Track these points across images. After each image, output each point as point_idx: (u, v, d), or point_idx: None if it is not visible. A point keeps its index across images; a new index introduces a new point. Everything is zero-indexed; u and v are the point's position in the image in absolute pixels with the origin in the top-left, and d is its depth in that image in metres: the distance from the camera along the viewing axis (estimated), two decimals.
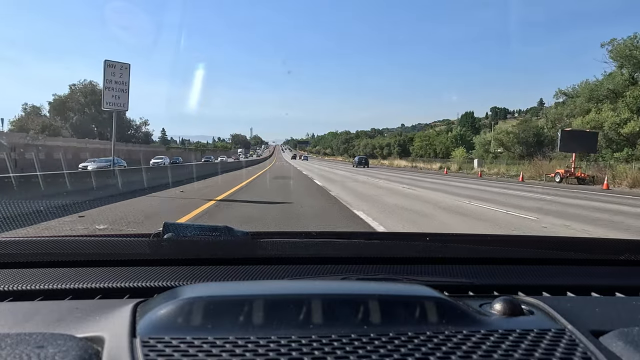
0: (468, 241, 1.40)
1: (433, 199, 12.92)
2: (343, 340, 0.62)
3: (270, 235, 1.27)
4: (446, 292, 0.90)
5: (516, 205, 11.40)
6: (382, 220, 8.19)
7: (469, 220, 8.73)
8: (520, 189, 19.04)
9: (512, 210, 10.15)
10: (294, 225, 7.52)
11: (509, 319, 0.73)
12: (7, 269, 1.03)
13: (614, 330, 0.70)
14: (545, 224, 8.12)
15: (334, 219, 8.37)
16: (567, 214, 9.81)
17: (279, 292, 0.74)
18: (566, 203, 12.49)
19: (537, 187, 20.39)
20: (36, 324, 0.72)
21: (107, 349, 0.60)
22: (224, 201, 10.91)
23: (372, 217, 8.49)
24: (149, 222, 7.29)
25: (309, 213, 9.13)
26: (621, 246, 1.26)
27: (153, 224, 6.94)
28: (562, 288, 1.02)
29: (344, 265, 1.11)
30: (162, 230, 1.10)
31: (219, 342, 0.61)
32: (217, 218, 8.11)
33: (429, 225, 8.00)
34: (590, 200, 13.88)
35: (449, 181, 24.40)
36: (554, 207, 11.14)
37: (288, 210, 9.48)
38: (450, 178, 29.44)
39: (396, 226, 7.69)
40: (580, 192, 17.43)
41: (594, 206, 11.80)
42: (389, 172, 39.10)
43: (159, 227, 1.12)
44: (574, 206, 11.59)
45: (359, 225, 7.61)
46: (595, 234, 7.10)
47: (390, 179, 25.03)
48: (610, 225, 8.16)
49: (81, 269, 1.03)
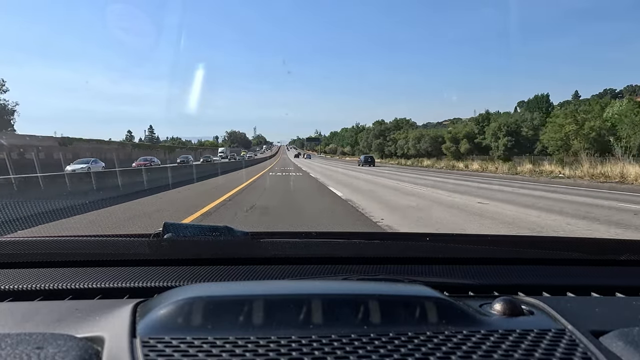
0: (468, 241, 1.40)
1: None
2: (343, 340, 0.62)
3: (271, 235, 1.27)
4: (446, 292, 0.90)
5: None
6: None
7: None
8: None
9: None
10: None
11: (509, 319, 0.73)
12: (7, 269, 1.04)
13: (614, 331, 0.70)
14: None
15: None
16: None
17: (279, 292, 0.74)
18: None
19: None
20: (36, 324, 0.72)
21: (107, 349, 0.60)
22: None
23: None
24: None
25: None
26: (621, 246, 1.26)
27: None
28: (562, 288, 1.02)
29: (344, 265, 1.11)
30: (162, 230, 1.10)
31: (219, 342, 0.61)
32: None
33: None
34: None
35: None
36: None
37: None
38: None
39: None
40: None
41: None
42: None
43: None
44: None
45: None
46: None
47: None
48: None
49: (81, 269, 1.03)
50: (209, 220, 7.98)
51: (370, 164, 52.29)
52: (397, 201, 11.76)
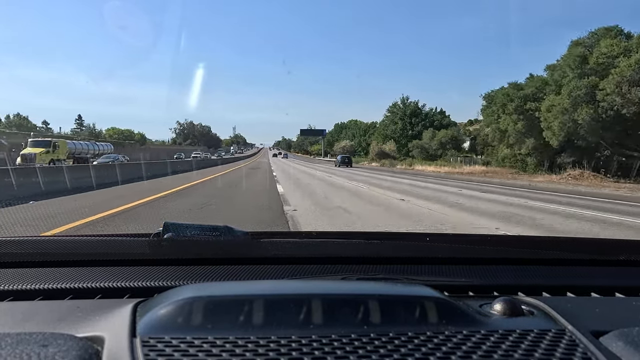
0: (468, 241, 1.40)
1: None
2: (343, 340, 0.62)
3: (270, 235, 1.27)
4: (446, 292, 0.90)
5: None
6: None
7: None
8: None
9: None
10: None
11: (509, 319, 0.73)
12: (7, 269, 1.04)
13: (614, 331, 0.70)
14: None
15: None
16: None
17: (279, 292, 0.74)
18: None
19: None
20: (36, 323, 0.72)
21: (107, 349, 0.60)
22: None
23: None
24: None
25: None
26: (621, 246, 1.26)
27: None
28: (562, 288, 1.02)
29: (344, 265, 1.11)
30: (162, 230, 1.10)
31: (219, 342, 0.61)
32: None
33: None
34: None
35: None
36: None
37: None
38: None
39: None
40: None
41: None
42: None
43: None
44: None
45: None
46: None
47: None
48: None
49: (81, 269, 1.03)
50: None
51: (348, 165, 51.49)
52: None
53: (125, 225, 7.26)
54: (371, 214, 9.65)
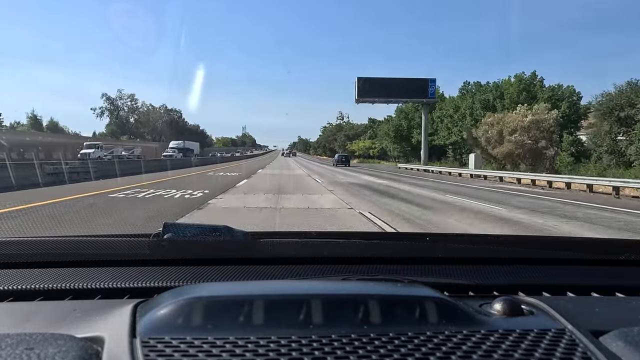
0: (468, 241, 1.40)
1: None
2: (343, 340, 0.62)
3: (270, 235, 1.27)
4: (446, 292, 0.90)
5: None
6: None
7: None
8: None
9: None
10: None
11: (509, 319, 0.73)
12: (7, 269, 1.04)
13: (614, 330, 0.70)
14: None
15: None
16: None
17: (279, 293, 0.74)
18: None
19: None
20: (36, 324, 0.72)
21: (107, 349, 0.60)
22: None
23: None
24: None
25: None
26: (621, 246, 1.26)
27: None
28: (562, 288, 1.02)
29: (344, 265, 1.11)
30: (162, 230, 1.10)
31: (219, 342, 0.61)
32: None
33: None
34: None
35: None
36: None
37: None
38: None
39: None
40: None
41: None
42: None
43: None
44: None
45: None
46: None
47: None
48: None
49: (81, 269, 1.03)
50: None
51: (345, 164, 48.65)
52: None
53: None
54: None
